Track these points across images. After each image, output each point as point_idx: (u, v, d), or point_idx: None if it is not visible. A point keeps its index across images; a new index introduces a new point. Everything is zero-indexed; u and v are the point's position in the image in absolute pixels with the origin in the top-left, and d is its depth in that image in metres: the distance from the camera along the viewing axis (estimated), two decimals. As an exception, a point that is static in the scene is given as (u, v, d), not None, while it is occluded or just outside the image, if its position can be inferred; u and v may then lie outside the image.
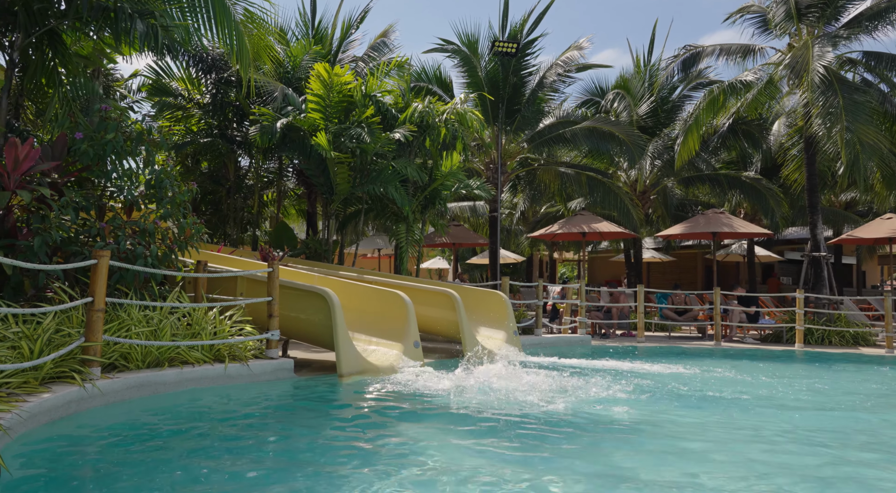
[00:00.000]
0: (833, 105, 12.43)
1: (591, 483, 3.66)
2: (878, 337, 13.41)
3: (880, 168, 14.64)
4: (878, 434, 5.28)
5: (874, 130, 12.47)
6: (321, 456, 4.07)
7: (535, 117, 17.05)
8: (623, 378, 7.48)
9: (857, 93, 12.89)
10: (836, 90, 12.51)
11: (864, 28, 13.78)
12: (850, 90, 12.79)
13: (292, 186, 17.25)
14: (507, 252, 24.27)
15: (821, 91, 12.57)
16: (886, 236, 15.08)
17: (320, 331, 7.43)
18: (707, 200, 20.23)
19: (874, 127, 12.70)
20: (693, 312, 14.97)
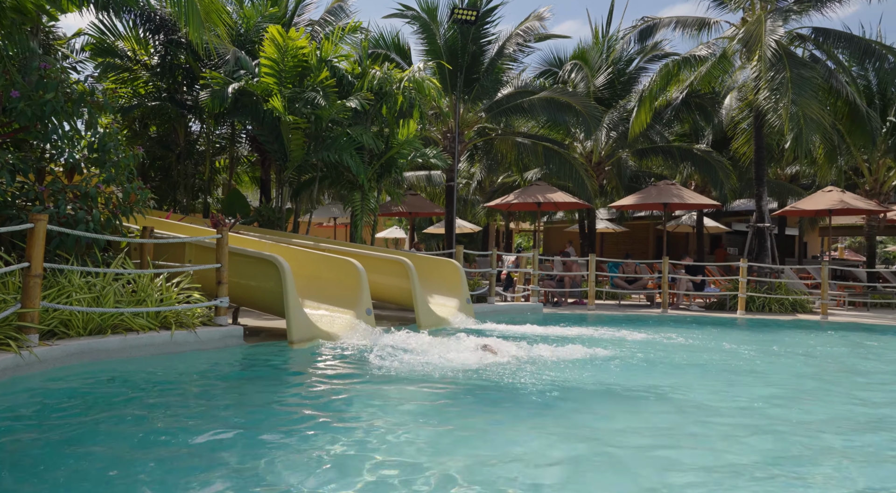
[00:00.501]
0: (781, 79, 12.76)
1: (540, 445, 3.80)
2: (814, 304, 14.05)
3: (823, 143, 15.15)
4: (792, 389, 5.61)
5: (818, 105, 12.87)
6: (267, 420, 4.11)
7: (494, 87, 17.00)
8: (565, 343, 7.68)
9: (804, 68, 13.25)
10: (785, 64, 12.83)
11: (815, 4, 14.10)
12: (798, 65, 13.14)
13: (245, 152, 16.88)
14: (464, 222, 24.37)
15: (770, 65, 12.87)
16: (826, 208, 15.70)
17: (271, 298, 7.40)
18: (660, 172, 20.65)
19: (819, 102, 13.10)
20: (643, 280, 15.38)
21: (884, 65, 14.09)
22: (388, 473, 3.14)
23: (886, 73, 14.24)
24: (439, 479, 3.08)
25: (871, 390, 5.90)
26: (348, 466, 3.22)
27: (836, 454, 3.78)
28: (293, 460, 3.28)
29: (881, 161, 17.73)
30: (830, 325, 11.73)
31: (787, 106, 12.54)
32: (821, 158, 16.69)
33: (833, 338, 10.06)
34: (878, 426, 4.54)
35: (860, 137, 15.66)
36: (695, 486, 3.15)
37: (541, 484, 3.08)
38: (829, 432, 4.28)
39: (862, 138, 15.70)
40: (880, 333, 10.97)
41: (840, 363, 7.47)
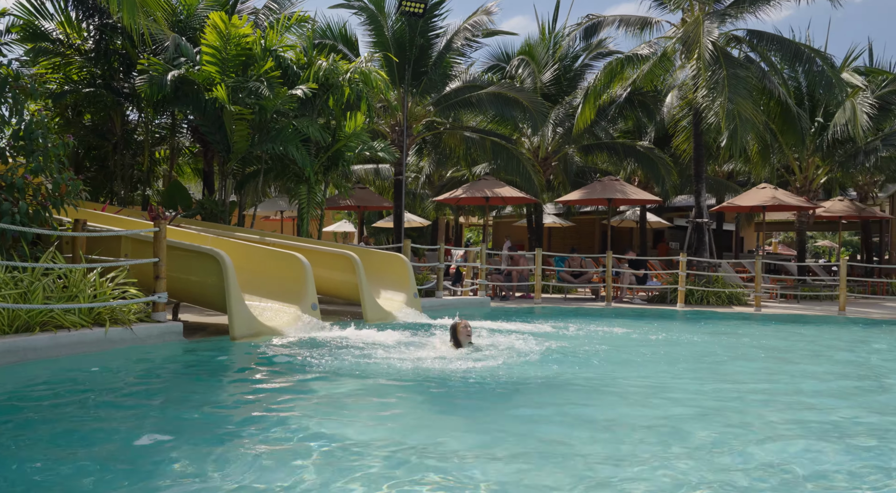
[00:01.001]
0: (717, 78, 13.21)
1: (487, 437, 3.83)
2: (749, 297, 14.65)
3: (757, 141, 15.76)
4: (724, 374, 5.85)
5: (752, 105, 13.38)
6: (204, 419, 4.01)
7: (442, 81, 16.99)
8: (510, 335, 7.77)
9: (739, 68, 13.75)
10: (722, 64, 13.28)
11: (749, 7, 14.64)
12: (734, 65, 13.62)
13: (187, 143, 16.36)
14: (413, 216, 24.32)
15: (707, 65, 13.30)
16: (760, 205, 16.37)
17: (213, 293, 7.22)
18: (605, 168, 21.07)
19: (753, 102, 13.63)
20: (588, 274, 15.72)
21: (812, 67, 14.76)
22: (330, 469, 3.11)
23: (815, 75, 14.92)
24: (380, 474, 3.07)
25: (795, 374, 6.21)
26: (289, 465, 3.17)
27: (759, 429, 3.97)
28: (230, 458, 3.20)
29: (810, 160, 18.59)
30: (763, 316, 12.25)
31: (724, 104, 13.00)
32: (755, 157, 17.37)
33: (765, 329, 10.52)
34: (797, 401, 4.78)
35: (791, 136, 16.38)
36: (637, 476, 3.24)
37: (479, 477, 3.11)
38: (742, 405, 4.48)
39: (793, 138, 16.43)
40: (804, 323, 11.53)
41: (770, 350, 7.82)
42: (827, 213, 19.15)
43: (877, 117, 17.02)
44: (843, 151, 17.91)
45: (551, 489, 2.94)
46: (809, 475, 3.21)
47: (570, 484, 3.00)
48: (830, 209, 19.11)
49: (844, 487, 3.11)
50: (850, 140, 17.17)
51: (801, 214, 18.45)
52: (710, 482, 3.06)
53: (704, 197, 15.50)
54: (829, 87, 14.63)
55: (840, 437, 3.94)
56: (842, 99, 15.68)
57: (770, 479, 3.16)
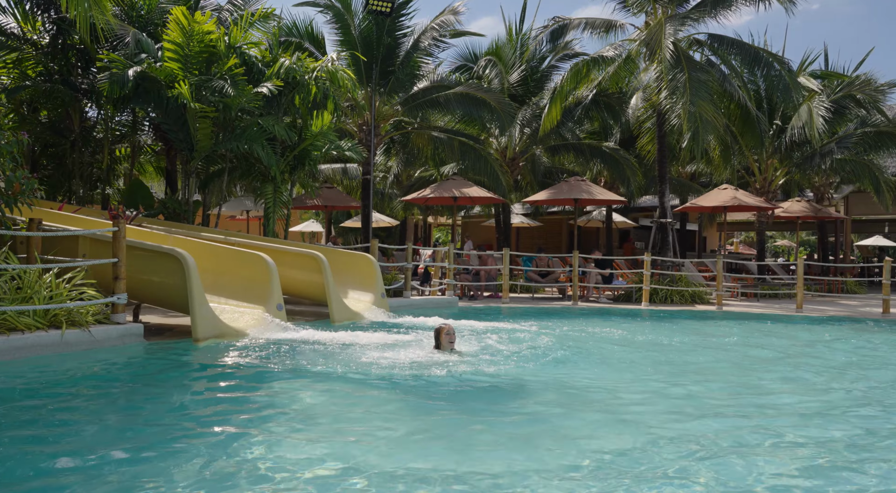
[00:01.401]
0: (679, 81, 13.46)
1: (458, 432, 3.83)
2: (711, 296, 14.96)
3: (718, 143, 16.10)
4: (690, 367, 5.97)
5: (713, 107, 13.67)
6: (163, 423, 3.92)
7: (410, 80, 16.95)
8: (477, 335, 7.80)
9: (700, 71, 14.04)
10: (684, 67, 13.54)
11: (710, 12, 14.96)
12: (695, 68, 13.90)
13: (149, 141, 16.01)
14: (382, 216, 24.22)
15: (670, 67, 13.55)
16: (721, 205, 16.73)
17: (175, 294, 7.08)
18: (572, 168, 21.29)
19: (713, 104, 13.92)
20: (555, 274, 15.86)
21: (770, 71, 15.16)
22: (292, 472, 3.07)
23: (773, 79, 15.33)
24: (342, 477, 3.05)
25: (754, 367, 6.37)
26: (252, 471, 3.13)
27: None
28: (190, 464, 3.14)
29: (769, 161, 19.08)
30: (724, 314, 12.53)
31: (686, 106, 13.26)
32: (717, 158, 17.75)
33: (725, 326, 10.76)
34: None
35: (751, 138, 16.79)
36: (589, 468, 3.28)
37: (435, 478, 3.11)
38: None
39: (752, 140, 16.84)
40: (764, 320, 11.83)
41: (732, 349, 8.01)
42: (785, 213, 19.68)
43: (832, 120, 17.54)
44: (800, 153, 18.43)
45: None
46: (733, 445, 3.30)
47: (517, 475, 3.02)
48: (788, 210, 19.64)
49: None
50: (806, 142, 17.68)
51: (761, 214, 18.92)
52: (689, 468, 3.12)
53: (668, 197, 15.79)
54: (786, 90, 15.03)
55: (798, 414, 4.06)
56: (798, 102, 16.13)
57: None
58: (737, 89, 15.72)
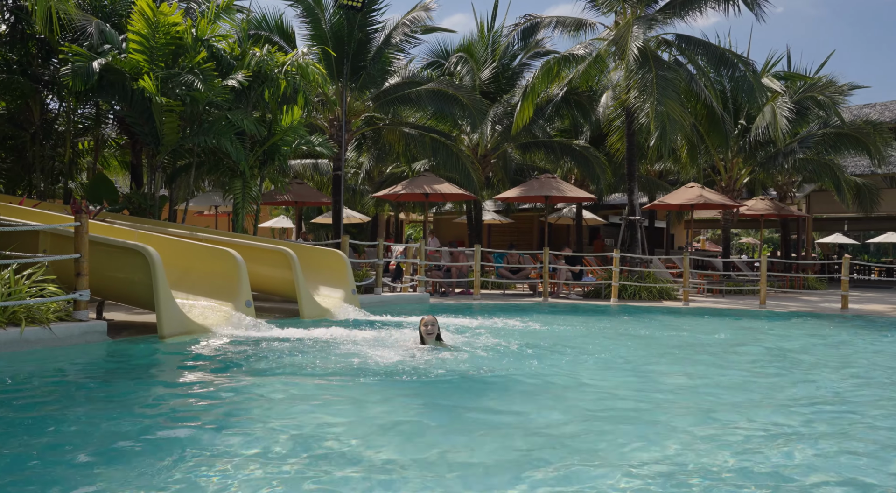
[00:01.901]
0: (647, 80, 13.65)
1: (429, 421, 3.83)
2: (678, 292, 15.24)
3: (685, 142, 16.36)
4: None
5: (680, 107, 13.89)
6: (128, 421, 3.85)
7: (381, 76, 16.87)
8: (448, 330, 7.81)
9: (668, 71, 14.25)
10: (651, 67, 13.73)
11: (678, 13, 15.19)
12: (663, 68, 14.11)
13: (114, 134, 15.65)
14: (353, 212, 24.10)
15: (637, 67, 13.73)
16: (689, 203, 17.04)
17: (140, 291, 6.94)
18: (543, 166, 21.44)
19: (681, 104, 14.14)
20: (526, 270, 15.97)
21: (736, 72, 15.47)
22: (261, 471, 3.04)
23: (738, 79, 15.65)
24: (310, 475, 3.04)
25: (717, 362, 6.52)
26: (219, 470, 3.09)
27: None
28: (154, 465, 3.08)
29: (734, 160, 19.48)
30: (690, 310, 12.77)
31: (653, 105, 13.47)
32: (684, 157, 18.06)
33: (691, 321, 10.97)
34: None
35: (717, 137, 17.11)
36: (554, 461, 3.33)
37: (398, 476, 3.11)
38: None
39: (718, 139, 17.17)
40: (728, 316, 12.09)
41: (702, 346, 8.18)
42: (750, 211, 20.12)
43: (794, 121, 17.99)
44: (764, 152, 18.85)
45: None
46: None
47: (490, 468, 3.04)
48: (753, 208, 20.08)
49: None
50: (770, 142, 18.09)
51: (727, 212, 19.31)
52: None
53: (637, 195, 16.01)
54: (750, 91, 15.35)
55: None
56: (762, 103, 16.49)
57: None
58: (703, 89, 16.01)
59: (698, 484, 3.01)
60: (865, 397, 5.19)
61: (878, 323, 10.94)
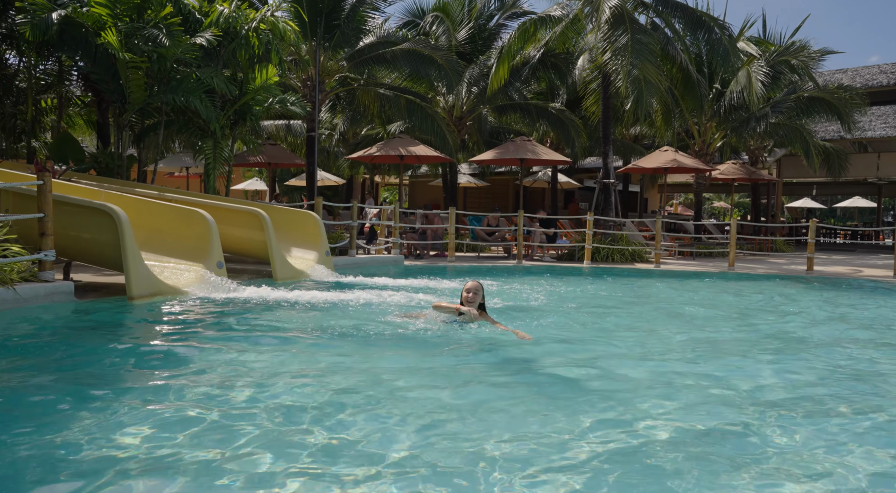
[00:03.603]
0: (622, 43, 13.57)
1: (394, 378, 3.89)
2: (650, 254, 15.47)
3: (660, 106, 16.37)
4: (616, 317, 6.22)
5: (656, 70, 13.86)
6: (96, 381, 3.84)
7: (356, 35, 16.51)
8: (418, 292, 7.85)
9: (644, 34, 14.16)
10: (627, 29, 13.63)
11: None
12: (639, 31, 14.01)
13: (78, 92, 15.15)
14: (327, 174, 23.84)
15: (613, 29, 13.62)
16: (662, 167, 17.17)
17: (108, 251, 6.83)
18: (518, 129, 21.35)
19: (656, 67, 14.11)
20: (501, 233, 16.05)
21: (711, 36, 15.45)
22: (228, 434, 3.07)
23: (714, 43, 15.63)
24: (281, 439, 3.07)
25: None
26: (189, 432, 3.11)
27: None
28: (120, 428, 3.07)
29: (708, 124, 19.60)
30: (662, 272, 12.99)
31: (625, 68, 13.41)
32: (659, 121, 18.11)
33: (661, 283, 11.18)
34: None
35: (691, 101, 17.16)
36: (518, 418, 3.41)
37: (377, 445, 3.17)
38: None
39: (693, 103, 17.22)
40: (696, 277, 12.34)
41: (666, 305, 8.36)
42: (722, 175, 20.37)
43: (768, 85, 18.09)
44: (737, 116, 18.98)
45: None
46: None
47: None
48: (725, 172, 20.33)
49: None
50: (743, 106, 18.20)
51: (699, 176, 19.52)
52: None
53: (612, 159, 16.07)
54: (726, 55, 15.37)
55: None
56: (737, 67, 16.53)
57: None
58: (679, 53, 15.97)
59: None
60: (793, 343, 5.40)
61: (839, 285, 11.27)
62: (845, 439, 3.16)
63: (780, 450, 2.97)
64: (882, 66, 25.68)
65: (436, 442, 2.93)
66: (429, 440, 2.95)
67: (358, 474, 2.56)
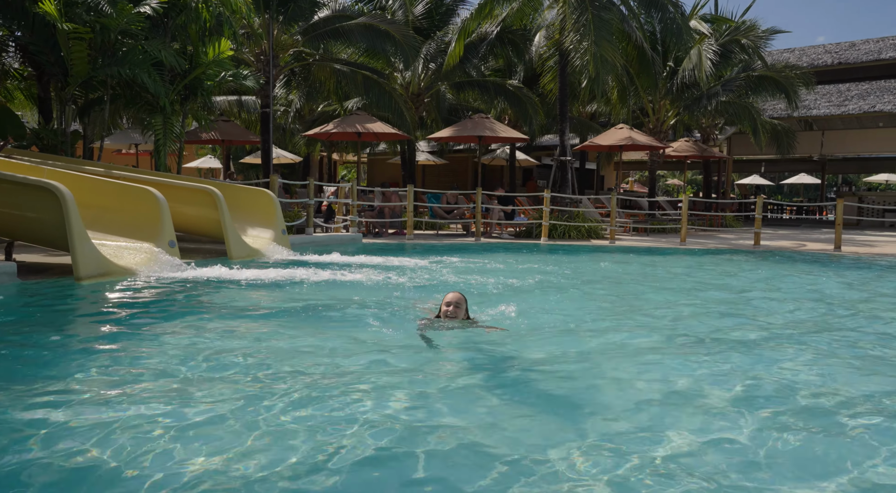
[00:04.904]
0: (583, 20, 13.61)
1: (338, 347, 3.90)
2: (606, 231, 15.76)
3: (616, 83, 16.54)
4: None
5: (613, 48, 13.98)
6: (41, 365, 3.74)
7: (311, 9, 16.11)
8: (375, 270, 7.86)
9: (603, 11, 14.24)
10: (587, 6, 13.66)
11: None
12: (598, 8, 14.07)
13: (16, 65, 14.43)
14: (283, 152, 23.40)
15: (573, 7, 13.64)
16: (618, 144, 17.42)
17: (52, 231, 6.61)
18: (477, 106, 21.30)
19: (613, 45, 14.22)
20: (459, 210, 16.10)
21: (665, 14, 15.65)
22: (180, 421, 3.04)
23: (667, 21, 15.84)
24: (230, 426, 3.06)
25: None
26: (141, 419, 3.06)
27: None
28: (68, 416, 3.00)
29: (662, 102, 19.93)
30: (616, 248, 13.27)
31: (590, 48, 13.49)
32: (615, 98, 18.32)
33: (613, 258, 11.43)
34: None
35: (646, 79, 17.40)
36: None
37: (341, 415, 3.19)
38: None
39: (647, 81, 17.47)
40: (649, 253, 12.66)
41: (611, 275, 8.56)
42: (675, 153, 20.79)
43: (719, 64, 18.45)
44: (689, 95, 19.34)
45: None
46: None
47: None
48: (678, 149, 20.75)
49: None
50: (695, 85, 18.55)
51: (653, 153, 19.88)
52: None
53: (568, 136, 16.22)
54: (678, 33, 15.60)
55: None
56: (690, 45, 16.81)
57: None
58: (634, 30, 16.13)
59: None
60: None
61: (778, 256, 11.72)
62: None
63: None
64: (827, 46, 26.48)
65: (385, 423, 2.97)
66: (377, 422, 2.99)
67: (308, 455, 2.58)
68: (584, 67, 14.13)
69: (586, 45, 13.61)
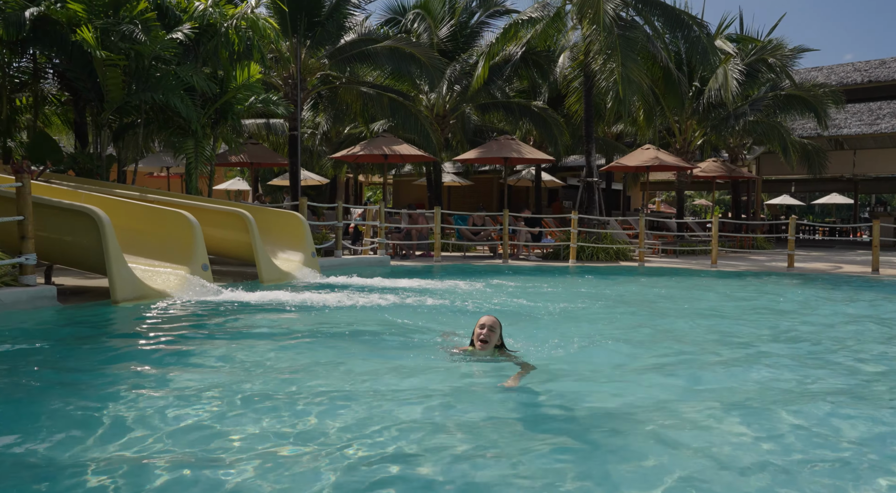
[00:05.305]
0: (611, 41, 13.58)
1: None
2: (634, 252, 15.56)
3: (642, 104, 16.45)
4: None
5: (639, 68, 13.92)
6: (84, 388, 3.74)
7: (337, 32, 16.36)
8: (407, 294, 7.81)
9: (629, 30, 14.20)
10: (613, 28, 13.65)
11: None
12: (625, 28, 14.04)
13: (54, 90, 14.83)
14: (311, 174, 23.64)
15: (600, 28, 13.63)
16: (644, 165, 17.28)
17: (90, 254, 6.70)
18: (501, 127, 21.35)
19: (639, 66, 14.17)
20: (486, 232, 16.04)
21: (690, 34, 15.57)
22: (220, 440, 3.00)
23: (692, 41, 15.75)
24: (271, 441, 3.01)
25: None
26: (181, 438, 3.03)
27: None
28: (107, 434, 2.98)
29: (688, 122, 19.77)
30: (646, 269, 13.08)
31: (619, 69, 13.43)
32: (641, 119, 18.22)
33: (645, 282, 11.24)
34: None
35: (672, 99, 17.29)
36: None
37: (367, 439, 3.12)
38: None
39: (674, 101, 17.36)
40: (681, 275, 12.44)
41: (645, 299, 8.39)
42: (702, 173, 20.55)
43: (745, 83, 18.27)
44: (716, 114, 19.17)
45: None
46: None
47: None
48: (705, 170, 20.51)
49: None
50: (722, 104, 18.38)
51: (681, 174, 19.68)
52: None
53: (594, 157, 16.13)
54: (704, 53, 15.49)
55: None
56: (716, 65, 16.68)
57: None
58: (660, 51, 16.07)
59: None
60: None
61: (818, 280, 11.43)
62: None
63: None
64: (856, 64, 26.12)
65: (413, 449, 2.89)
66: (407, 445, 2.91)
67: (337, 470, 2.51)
68: (609, 88, 14.08)
69: (612, 66, 13.57)
